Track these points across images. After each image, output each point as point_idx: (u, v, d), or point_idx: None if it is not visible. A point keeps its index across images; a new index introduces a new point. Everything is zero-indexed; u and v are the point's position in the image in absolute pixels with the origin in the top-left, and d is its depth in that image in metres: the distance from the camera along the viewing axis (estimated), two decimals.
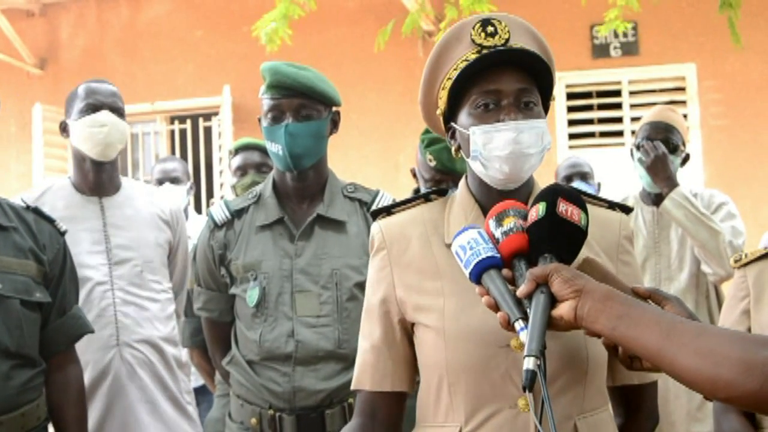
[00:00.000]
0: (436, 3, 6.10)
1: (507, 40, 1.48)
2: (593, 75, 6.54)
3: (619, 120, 6.51)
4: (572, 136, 6.55)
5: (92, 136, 2.76)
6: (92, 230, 2.77)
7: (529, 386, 1.20)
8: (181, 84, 7.13)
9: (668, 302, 1.33)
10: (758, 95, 6.24)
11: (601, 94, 6.58)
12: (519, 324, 1.26)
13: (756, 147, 6.23)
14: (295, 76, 2.28)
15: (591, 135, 6.57)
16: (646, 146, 3.04)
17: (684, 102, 6.37)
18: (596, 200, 1.59)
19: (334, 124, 2.40)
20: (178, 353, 2.94)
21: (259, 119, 2.38)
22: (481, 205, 1.53)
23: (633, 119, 6.34)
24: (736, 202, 3.18)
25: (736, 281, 2.22)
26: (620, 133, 6.47)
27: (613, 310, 1.21)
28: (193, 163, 7.02)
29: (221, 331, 2.47)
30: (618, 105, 6.52)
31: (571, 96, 6.57)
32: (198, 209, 6.77)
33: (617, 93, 6.53)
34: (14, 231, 2.21)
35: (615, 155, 6.12)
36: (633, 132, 4.03)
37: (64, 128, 2.85)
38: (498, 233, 1.36)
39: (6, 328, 2.09)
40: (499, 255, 1.34)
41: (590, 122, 6.59)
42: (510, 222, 1.36)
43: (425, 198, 1.61)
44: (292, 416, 2.27)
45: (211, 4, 7.11)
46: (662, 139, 3.07)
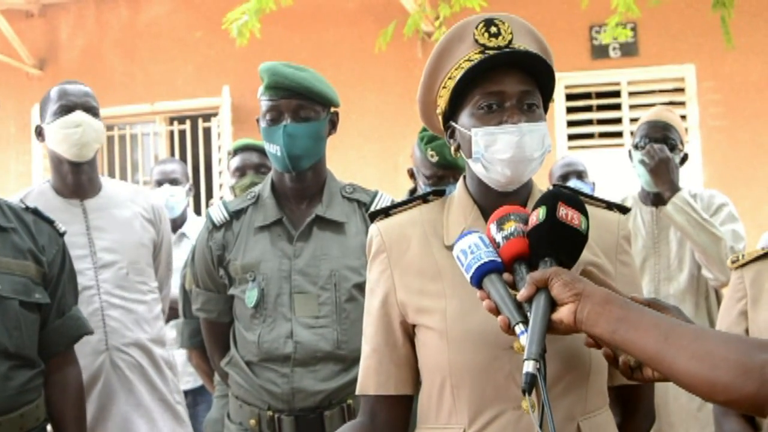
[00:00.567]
0: (435, 3, 6.10)
1: (510, 41, 1.48)
2: (592, 76, 6.53)
3: (619, 121, 6.50)
4: (571, 137, 6.54)
5: (67, 138, 2.73)
6: (76, 234, 2.73)
7: (529, 389, 1.20)
8: (181, 85, 7.13)
9: (667, 311, 1.33)
10: (757, 96, 6.24)
11: (601, 95, 6.57)
12: (519, 327, 1.27)
13: (755, 147, 6.23)
14: (293, 77, 2.28)
15: (590, 136, 6.57)
16: (650, 150, 3.02)
17: (683, 103, 6.37)
18: (594, 200, 1.59)
19: (333, 125, 2.40)
20: (167, 353, 2.94)
21: (258, 120, 2.37)
22: (480, 206, 1.53)
23: (632, 120, 6.33)
24: (736, 203, 3.17)
25: (734, 282, 2.21)
26: (619, 134, 6.47)
27: (613, 314, 1.21)
28: (193, 164, 7.01)
29: (220, 332, 2.47)
30: (617, 106, 6.52)
31: (571, 97, 6.57)
32: (197, 210, 6.76)
33: (616, 94, 6.52)
34: (13, 232, 2.21)
35: (614, 156, 6.10)
36: (632, 133, 4.02)
37: (40, 132, 2.81)
38: (499, 237, 1.37)
39: (5, 329, 2.09)
40: (500, 259, 1.35)
41: (589, 123, 6.58)
42: (511, 226, 1.36)
43: (423, 199, 1.61)
44: (291, 417, 2.27)
45: (211, 5, 7.09)
46: (661, 138, 3.06)
